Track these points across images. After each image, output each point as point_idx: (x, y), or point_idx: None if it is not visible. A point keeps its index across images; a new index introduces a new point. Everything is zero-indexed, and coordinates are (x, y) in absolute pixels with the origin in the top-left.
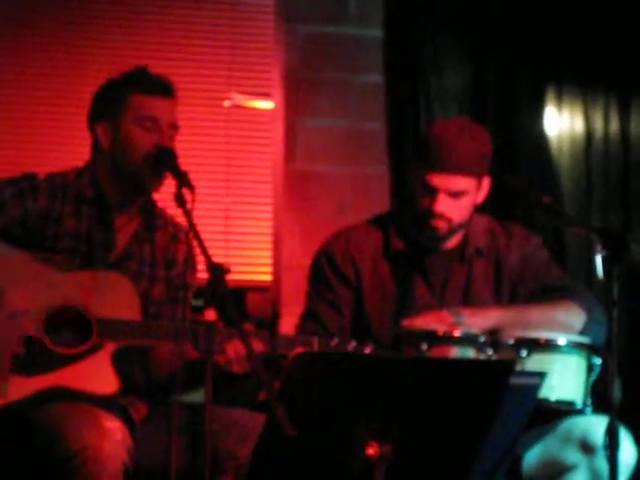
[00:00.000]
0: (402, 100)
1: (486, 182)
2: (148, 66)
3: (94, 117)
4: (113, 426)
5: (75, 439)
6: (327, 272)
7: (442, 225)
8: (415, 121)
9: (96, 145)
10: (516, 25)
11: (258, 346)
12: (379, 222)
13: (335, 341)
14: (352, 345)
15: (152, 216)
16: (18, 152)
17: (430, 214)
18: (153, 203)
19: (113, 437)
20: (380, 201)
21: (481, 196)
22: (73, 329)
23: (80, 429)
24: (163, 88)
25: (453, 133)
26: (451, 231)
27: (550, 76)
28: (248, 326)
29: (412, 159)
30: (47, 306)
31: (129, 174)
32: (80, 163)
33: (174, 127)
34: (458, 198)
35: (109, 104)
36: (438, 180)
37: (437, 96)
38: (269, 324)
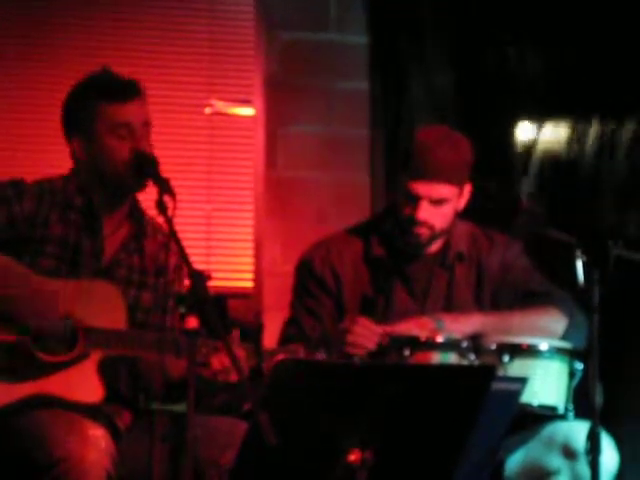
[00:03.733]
0: (384, 106)
1: (467, 189)
2: (109, 65)
3: (68, 130)
4: (97, 434)
5: (59, 446)
6: (307, 281)
7: (424, 232)
8: (397, 128)
9: (75, 156)
10: (502, 30)
11: (243, 355)
12: (360, 230)
13: (322, 355)
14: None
15: (141, 224)
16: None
17: (412, 221)
18: (142, 211)
19: (97, 445)
20: (361, 208)
21: (462, 203)
22: (60, 336)
23: (64, 437)
24: (130, 90)
25: (434, 141)
26: (433, 238)
27: (533, 82)
28: (234, 334)
29: (398, 168)
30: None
31: (111, 181)
32: (62, 170)
33: (147, 125)
34: (440, 205)
35: (79, 117)
36: (420, 188)
37: (420, 102)
38: (253, 335)
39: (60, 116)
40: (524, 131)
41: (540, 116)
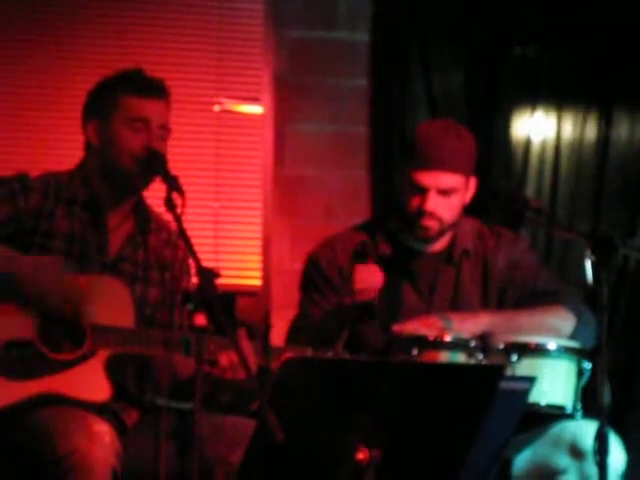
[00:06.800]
0: (389, 104)
1: (473, 182)
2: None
3: (86, 115)
4: (102, 430)
5: (64, 442)
6: (314, 277)
7: (433, 224)
8: (402, 125)
9: (88, 144)
10: (505, 30)
11: (251, 350)
12: (365, 228)
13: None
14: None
15: (146, 219)
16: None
17: (421, 213)
18: (146, 206)
19: (102, 441)
20: (369, 205)
21: (468, 196)
22: (67, 334)
23: (69, 432)
24: (156, 89)
25: (440, 132)
26: (441, 231)
27: (540, 79)
28: (242, 331)
29: (399, 161)
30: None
31: (118, 174)
32: (68, 166)
33: (165, 129)
34: (448, 196)
35: (101, 103)
36: (427, 178)
37: (424, 100)
38: (261, 334)
39: (83, 103)
40: (528, 129)
41: (545, 114)
